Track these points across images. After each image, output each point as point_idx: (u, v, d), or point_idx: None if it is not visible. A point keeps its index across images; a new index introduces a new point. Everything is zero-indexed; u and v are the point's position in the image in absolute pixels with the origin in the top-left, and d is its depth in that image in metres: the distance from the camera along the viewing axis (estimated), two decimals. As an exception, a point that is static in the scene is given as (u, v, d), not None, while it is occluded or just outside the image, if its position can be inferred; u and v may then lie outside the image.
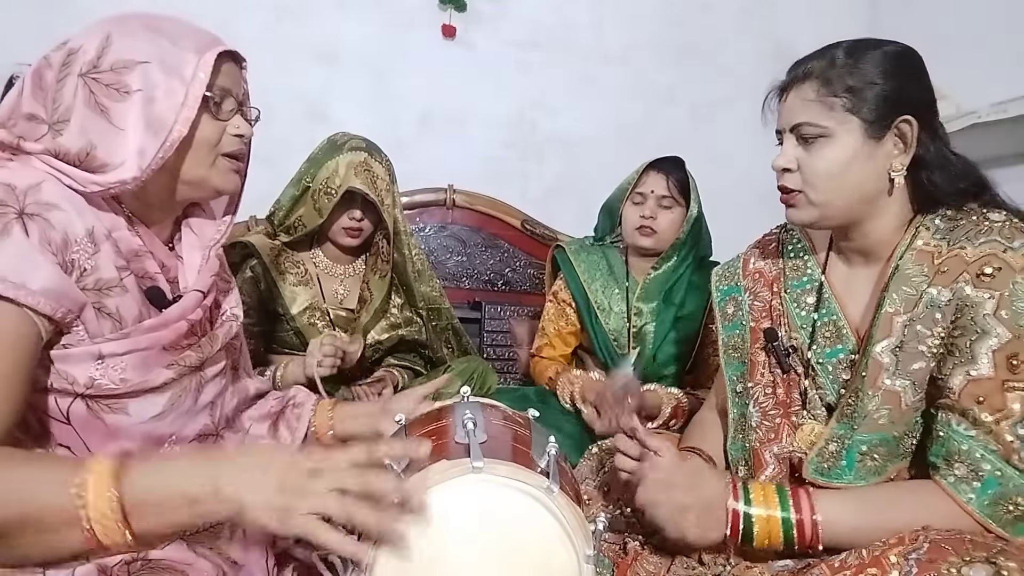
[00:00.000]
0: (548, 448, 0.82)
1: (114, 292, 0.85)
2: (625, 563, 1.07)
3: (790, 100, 1.01)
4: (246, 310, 1.69)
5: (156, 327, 0.88)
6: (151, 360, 0.87)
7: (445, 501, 0.76)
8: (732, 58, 2.66)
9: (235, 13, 2.31)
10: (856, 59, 0.97)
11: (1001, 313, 0.87)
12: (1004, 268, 0.88)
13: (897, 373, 0.94)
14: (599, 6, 2.61)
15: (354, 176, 1.63)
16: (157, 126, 0.85)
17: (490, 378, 1.86)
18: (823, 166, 0.97)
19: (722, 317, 1.21)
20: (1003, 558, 0.74)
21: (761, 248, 1.22)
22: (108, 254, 0.85)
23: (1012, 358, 0.86)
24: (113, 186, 0.84)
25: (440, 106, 2.52)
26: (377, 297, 1.77)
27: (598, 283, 1.88)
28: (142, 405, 0.87)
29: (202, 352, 0.95)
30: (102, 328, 0.83)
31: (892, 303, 0.96)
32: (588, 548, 0.78)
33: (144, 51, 0.86)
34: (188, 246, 1.00)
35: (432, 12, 2.46)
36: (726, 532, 0.96)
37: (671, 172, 1.80)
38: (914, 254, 0.96)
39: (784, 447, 1.07)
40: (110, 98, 0.84)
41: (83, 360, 0.81)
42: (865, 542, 0.88)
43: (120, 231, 0.88)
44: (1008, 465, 0.86)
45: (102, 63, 0.85)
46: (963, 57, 2.16)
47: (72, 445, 0.85)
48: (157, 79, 0.86)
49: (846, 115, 0.96)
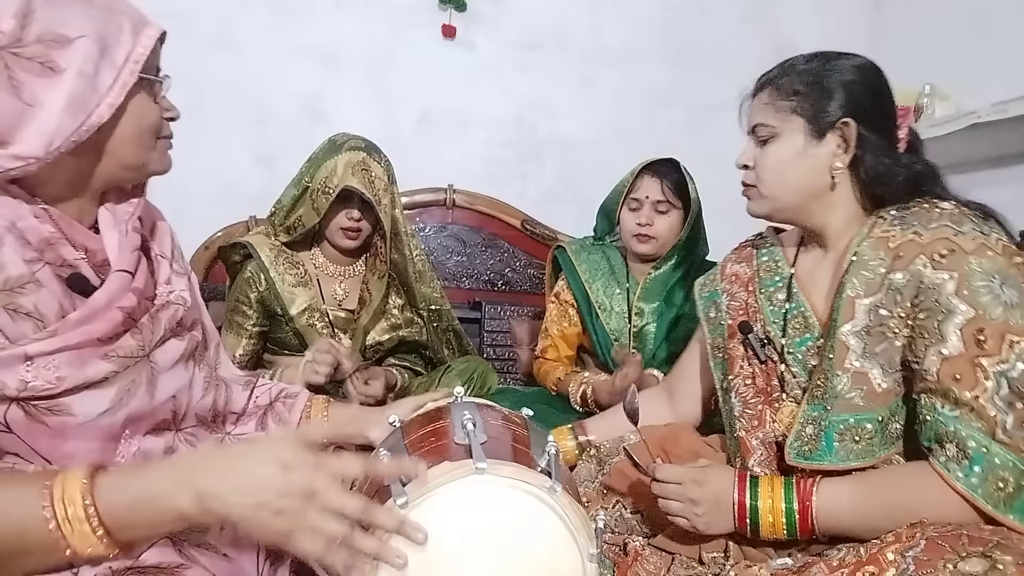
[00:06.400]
0: (548, 447, 0.81)
1: (27, 289, 0.77)
2: (625, 563, 1.08)
3: (752, 105, 1.13)
4: (245, 311, 1.71)
5: (85, 319, 0.81)
6: (86, 355, 0.80)
7: (449, 503, 0.76)
8: (732, 60, 2.65)
9: (235, 13, 2.31)
10: (809, 67, 1.07)
11: (962, 292, 0.92)
12: (957, 250, 0.93)
13: (865, 355, 0.99)
14: (599, 7, 2.61)
15: (351, 175, 1.63)
16: (77, 107, 0.78)
17: (491, 378, 1.86)
18: (769, 163, 1.08)
19: (707, 322, 1.29)
20: (999, 552, 0.74)
21: (737, 253, 1.31)
22: (13, 248, 0.77)
23: (978, 333, 0.90)
24: (14, 164, 0.76)
25: (440, 106, 2.52)
26: (376, 298, 1.76)
27: (599, 283, 1.88)
28: (86, 402, 0.80)
29: (142, 337, 0.87)
30: (22, 330, 0.76)
31: (853, 287, 1.02)
32: (592, 547, 0.78)
33: (78, 24, 0.78)
34: (106, 226, 0.91)
35: (432, 12, 2.46)
36: (734, 525, 1.01)
37: (666, 175, 1.79)
38: (871, 241, 1.03)
39: (768, 433, 1.11)
40: (31, 72, 0.76)
41: (9, 364, 0.75)
42: (866, 527, 0.91)
43: (25, 220, 0.79)
44: (993, 441, 0.88)
45: (27, 35, 0.76)
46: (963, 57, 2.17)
47: (20, 451, 0.79)
48: (91, 56, 0.78)
49: (791, 116, 1.06)
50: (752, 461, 1.10)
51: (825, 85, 1.05)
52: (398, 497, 0.74)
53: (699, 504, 1.00)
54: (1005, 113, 1.69)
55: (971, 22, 2.20)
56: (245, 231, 2.20)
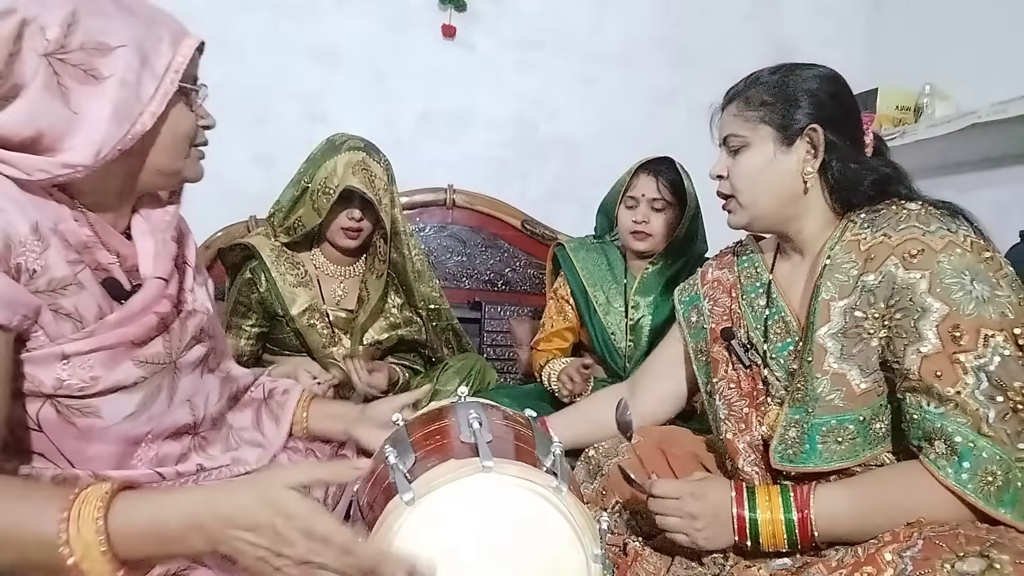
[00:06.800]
0: (553, 447, 0.82)
1: (69, 291, 0.80)
2: (625, 564, 1.09)
3: (722, 117, 1.17)
4: (244, 312, 1.71)
5: (122, 322, 0.83)
6: (119, 356, 0.83)
7: (455, 500, 0.76)
8: (733, 60, 2.64)
9: (235, 13, 2.31)
10: (775, 79, 1.11)
11: (935, 290, 0.93)
12: (926, 249, 0.95)
13: (843, 357, 1.01)
14: (599, 7, 2.61)
15: (352, 175, 1.63)
16: (123, 115, 0.81)
17: (489, 374, 1.87)
18: (743, 171, 1.11)
19: (687, 326, 1.31)
20: (996, 551, 0.75)
21: (718, 259, 1.33)
22: (57, 249, 0.80)
23: (954, 330, 0.91)
24: (63, 171, 0.79)
25: (440, 106, 2.51)
26: (374, 297, 1.77)
27: (597, 279, 1.90)
28: (114, 405, 0.83)
29: (170, 344, 0.90)
30: (62, 329, 0.79)
31: (827, 290, 1.03)
32: (596, 547, 0.78)
33: (120, 34, 0.81)
34: (140, 233, 0.94)
35: (432, 12, 2.46)
36: (734, 538, 1.00)
37: (662, 174, 1.81)
38: (843, 244, 1.05)
39: (755, 436, 1.11)
40: (76, 80, 0.79)
41: (47, 362, 0.77)
42: (865, 529, 0.91)
43: (66, 223, 0.82)
44: (980, 436, 0.88)
45: (70, 42, 0.78)
46: (963, 57, 2.17)
47: (46, 452, 0.81)
48: (132, 66, 0.81)
49: (760, 125, 1.10)
50: (741, 461, 1.11)
51: (791, 94, 1.08)
52: (404, 494, 0.75)
53: (698, 519, 0.99)
54: (1005, 113, 1.70)
55: (971, 22, 2.20)
56: (245, 231, 2.20)
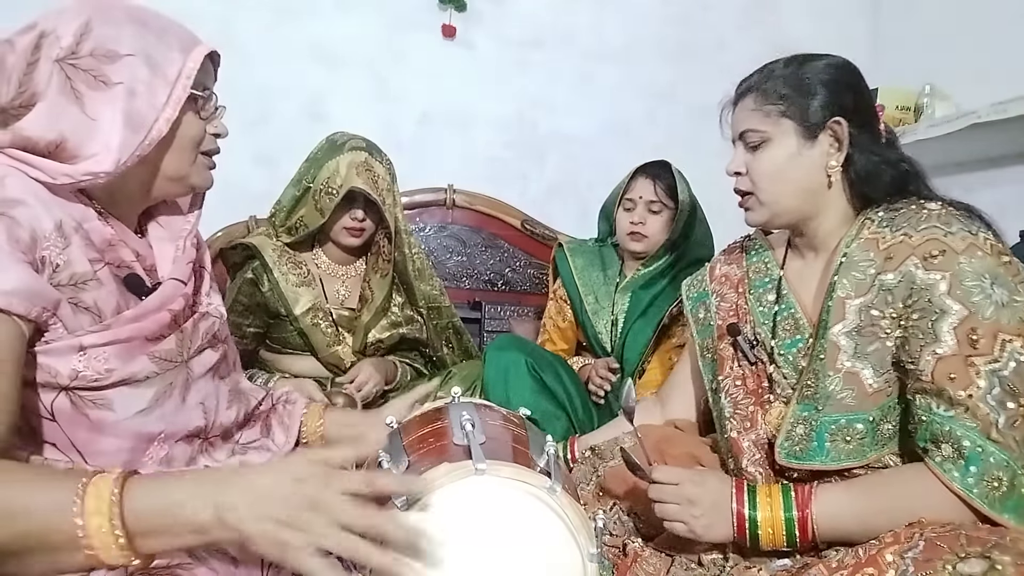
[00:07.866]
0: (547, 447, 0.82)
1: (89, 286, 0.83)
2: (625, 564, 1.08)
3: (736, 112, 1.14)
4: (243, 311, 1.71)
5: (138, 317, 0.86)
6: (134, 350, 0.85)
7: (449, 504, 0.76)
8: (733, 57, 2.65)
9: (235, 13, 2.31)
10: (790, 71, 1.08)
11: (955, 292, 0.92)
12: (948, 251, 0.94)
13: (856, 355, 1.00)
14: (599, 5, 2.60)
15: (355, 176, 1.63)
16: (137, 123, 0.84)
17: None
18: (765, 167, 1.08)
19: (695, 323, 1.30)
20: (997, 552, 0.75)
21: (727, 254, 1.32)
22: (79, 247, 0.82)
23: (971, 333, 0.90)
24: (85, 178, 0.82)
25: (440, 106, 2.51)
26: (378, 296, 1.77)
27: (591, 280, 1.94)
28: (126, 399, 0.85)
29: (182, 342, 0.93)
30: (80, 323, 0.81)
31: (843, 288, 1.02)
32: (592, 547, 0.78)
33: (129, 43, 0.84)
34: (157, 238, 0.98)
35: (432, 12, 2.45)
36: (733, 534, 1.00)
37: (659, 177, 1.85)
38: (860, 242, 1.03)
39: (760, 434, 1.11)
40: (87, 85, 0.82)
41: (65, 353, 0.80)
42: (865, 530, 0.91)
43: (91, 222, 0.85)
44: (988, 441, 0.88)
45: (81, 49, 0.82)
46: (963, 57, 2.16)
47: (58, 442, 0.83)
48: (141, 74, 0.84)
49: (781, 119, 1.07)
50: (745, 461, 1.10)
51: (809, 86, 1.06)
52: (398, 499, 0.75)
53: (697, 504, 1.00)
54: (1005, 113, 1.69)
55: (971, 22, 2.19)
56: (245, 231, 2.20)
